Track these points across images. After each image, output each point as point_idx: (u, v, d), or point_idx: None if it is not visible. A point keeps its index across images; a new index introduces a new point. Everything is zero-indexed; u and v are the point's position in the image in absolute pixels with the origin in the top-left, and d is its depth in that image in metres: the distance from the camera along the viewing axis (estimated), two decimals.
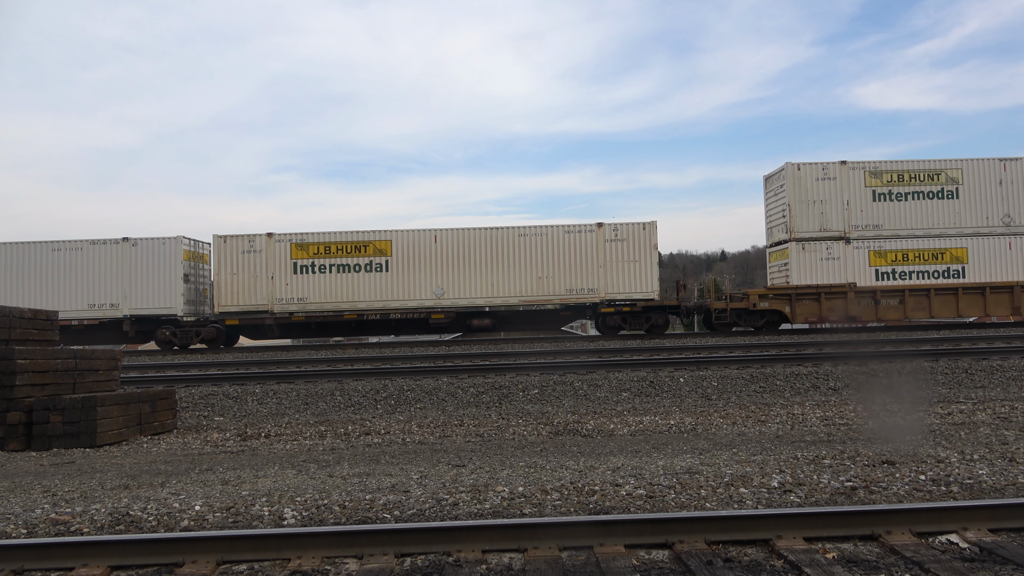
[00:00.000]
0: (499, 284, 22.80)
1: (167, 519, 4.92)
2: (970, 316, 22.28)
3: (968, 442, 7.35)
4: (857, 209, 22.18)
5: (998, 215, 22.18)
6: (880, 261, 22.12)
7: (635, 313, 22.71)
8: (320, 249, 22.91)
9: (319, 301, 22.83)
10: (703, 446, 7.73)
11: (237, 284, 22.80)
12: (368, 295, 22.86)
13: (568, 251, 22.85)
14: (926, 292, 21.68)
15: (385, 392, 13.15)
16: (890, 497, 5.06)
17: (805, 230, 22.19)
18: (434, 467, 6.81)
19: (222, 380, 14.65)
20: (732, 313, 22.40)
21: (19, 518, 5.04)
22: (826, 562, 3.81)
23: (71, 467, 7.87)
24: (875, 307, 21.74)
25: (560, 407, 12.04)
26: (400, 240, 22.97)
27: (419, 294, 22.85)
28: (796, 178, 22.24)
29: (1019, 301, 21.64)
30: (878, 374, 13.47)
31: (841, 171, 22.25)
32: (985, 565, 3.76)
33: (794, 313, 21.85)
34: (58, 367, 10.22)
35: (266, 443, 9.71)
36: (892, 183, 22.21)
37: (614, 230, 22.84)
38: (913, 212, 22.21)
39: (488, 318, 23.03)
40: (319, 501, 5.25)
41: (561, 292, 22.75)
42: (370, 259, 22.93)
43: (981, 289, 21.73)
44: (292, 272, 22.84)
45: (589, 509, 4.91)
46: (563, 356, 16.88)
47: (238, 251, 22.84)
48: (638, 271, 22.78)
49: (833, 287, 21.80)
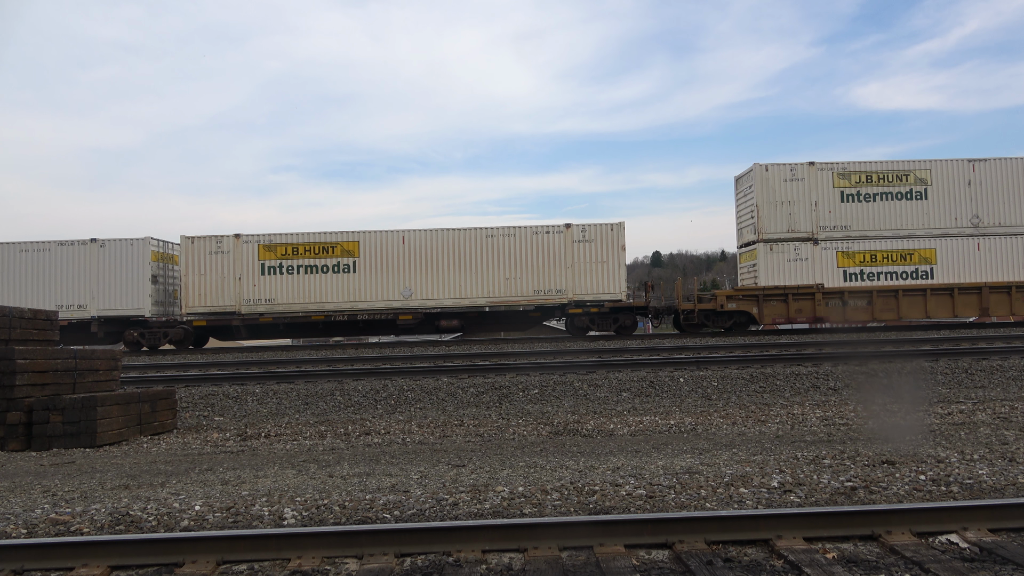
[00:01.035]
0: (467, 285, 22.75)
1: (167, 519, 4.92)
2: (938, 317, 22.22)
3: (968, 442, 7.35)
4: (825, 210, 22.12)
5: (967, 216, 22.10)
6: (848, 262, 22.06)
7: (603, 314, 22.66)
8: (288, 250, 22.89)
9: (287, 302, 22.79)
10: (703, 446, 7.73)
11: (205, 285, 22.76)
12: (336, 296, 22.84)
13: (536, 252, 22.80)
14: (894, 293, 21.63)
15: (385, 392, 13.15)
16: (890, 497, 5.06)
17: (773, 231, 22.13)
18: (434, 467, 6.81)
19: (222, 380, 14.64)
20: (700, 314, 22.37)
21: (19, 518, 5.04)
22: (826, 562, 3.81)
23: (71, 467, 7.87)
24: (843, 308, 21.70)
25: (560, 407, 12.04)
26: (368, 241, 22.94)
27: (387, 295, 22.82)
28: (764, 179, 22.17)
29: (987, 302, 21.58)
30: (878, 374, 13.47)
31: (809, 172, 22.17)
32: (985, 565, 3.76)
33: (761, 314, 21.80)
34: (58, 367, 10.21)
35: (266, 443, 9.71)
36: (860, 184, 22.15)
37: (582, 231, 22.80)
38: (881, 213, 22.15)
39: (456, 319, 23.00)
40: (319, 501, 5.25)
41: (529, 293, 22.70)
42: (338, 260, 22.90)
43: (949, 290, 21.67)
44: (260, 273, 22.81)
45: (589, 509, 4.91)
46: (563, 356, 16.88)
47: (206, 252, 22.80)
48: (606, 272, 22.73)
49: (800, 288, 21.74)
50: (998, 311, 21.83)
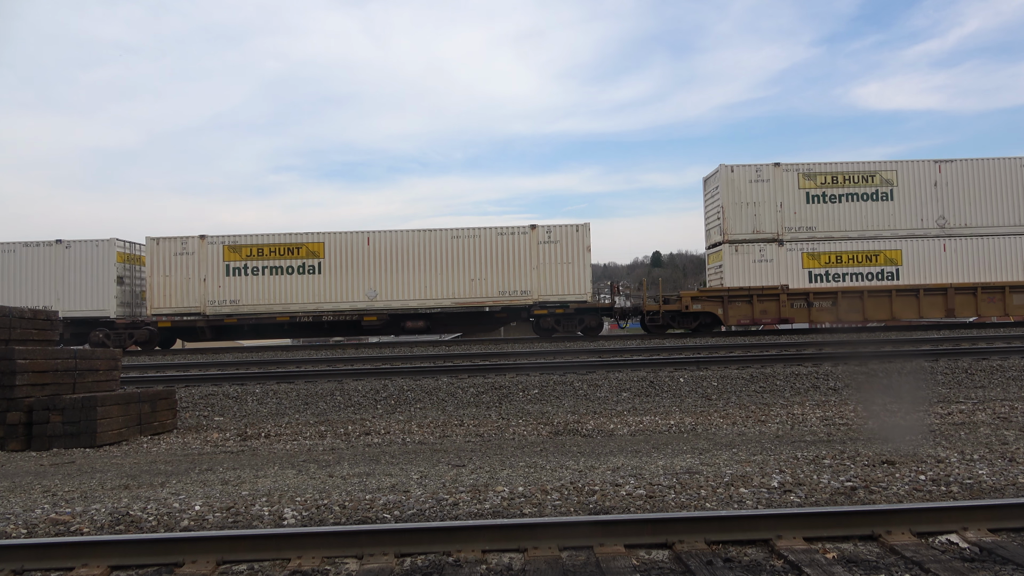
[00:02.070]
0: (432, 286, 22.74)
1: (167, 519, 4.92)
2: (904, 318, 22.16)
3: (968, 442, 7.36)
4: (790, 211, 22.05)
5: (933, 217, 22.05)
6: (813, 263, 22.00)
7: (568, 315, 22.65)
8: (253, 251, 22.85)
9: (251, 303, 22.76)
10: (703, 446, 7.73)
11: (170, 286, 22.75)
12: (301, 297, 22.82)
13: (501, 253, 22.79)
14: (859, 294, 21.56)
15: (385, 392, 13.16)
16: (890, 497, 5.06)
17: (738, 232, 22.05)
18: (434, 467, 6.81)
19: (222, 380, 14.64)
20: (665, 315, 22.37)
21: (19, 518, 5.04)
22: (826, 562, 3.81)
23: (71, 467, 7.87)
24: (808, 309, 21.65)
25: (560, 407, 12.04)
26: (333, 242, 22.91)
27: (352, 296, 22.80)
28: (729, 180, 22.11)
29: (952, 303, 21.51)
30: (878, 374, 13.47)
31: (775, 173, 22.11)
32: (985, 565, 3.76)
33: (727, 315, 21.75)
34: (58, 367, 10.22)
35: (266, 443, 9.71)
36: (826, 185, 22.08)
37: (547, 232, 22.77)
38: (847, 214, 22.08)
39: (422, 320, 22.97)
40: (319, 501, 5.25)
41: (494, 294, 22.69)
42: (303, 261, 22.88)
43: (915, 291, 21.60)
44: (225, 274, 22.79)
45: (589, 509, 4.91)
46: (563, 356, 16.88)
47: (171, 253, 22.78)
48: (571, 273, 22.71)
49: (765, 289, 21.67)
50: (964, 312, 21.77)
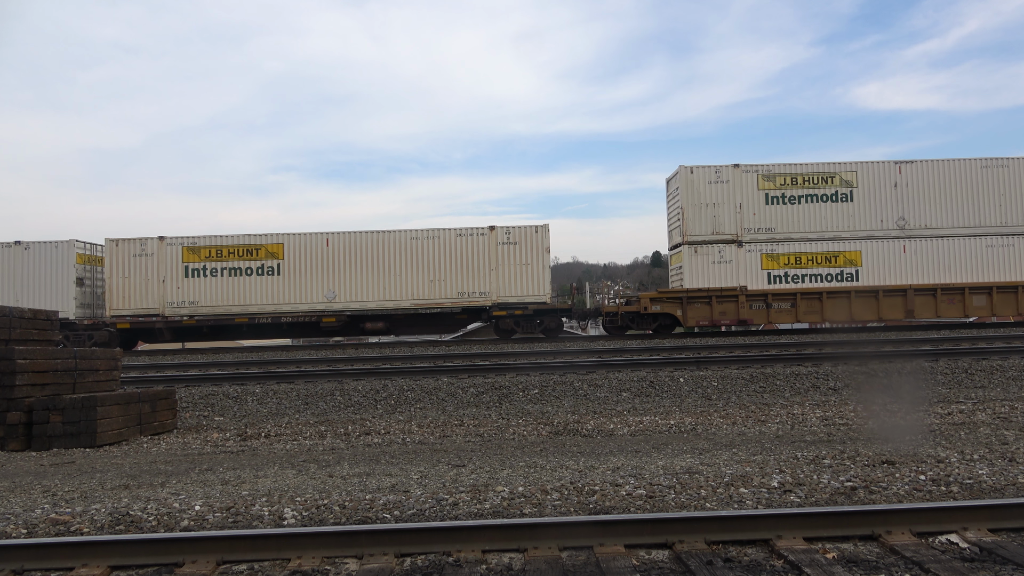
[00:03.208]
0: (391, 287, 22.75)
1: (167, 519, 4.92)
2: (863, 320, 22.10)
3: (968, 442, 7.35)
4: (750, 212, 21.98)
5: (893, 218, 21.96)
6: (772, 264, 21.91)
7: (527, 316, 22.65)
8: (212, 253, 22.87)
9: (210, 304, 22.77)
10: (703, 446, 7.73)
11: (129, 288, 22.75)
12: (259, 299, 22.83)
13: (460, 254, 22.81)
14: (818, 295, 21.54)
15: (385, 392, 13.16)
16: (890, 497, 5.06)
17: (698, 233, 21.96)
18: (434, 467, 6.81)
19: (222, 380, 14.65)
20: (624, 316, 22.35)
21: (19, 518, 5.04)
22: (826, 562, 3.81)
23: (71, 467, 7.87)
24: (767, 310, 21.63)
25: (560, 407, 12.04)
26: (292, 243, 22.91)
27: (310, 297, 22.80)
28: (689, 181, 22.05)
29: (912, 304, 21.48)
30: (878, 374, 13.47)
31: (734, 174, 22.05)
32: (985, 565, 3.76)
33: (686, 316, 21.72)
34: (58, 367, 10.21)
35: (266, 443, 9.71)
36: (785, 186, 22.02)
37: (506, 233, 22.76)
38: (807, 215, 22.01)
39: (381, 321, 22.99)
40: (319, 501, 5.25)
41: (453, 295, 22.71)
42: (262, 262, 22.89)
43: (874, 292, 21.55)
44: (183, 276, 22.80)
45: (589, 509, 4.91)
46: (563, 356, 16.89)
47: (130, 254, 22.79)
48: (530, 274, 22.71)
49: (724, 290, 21.63)
50: (923, 313, 21.74)
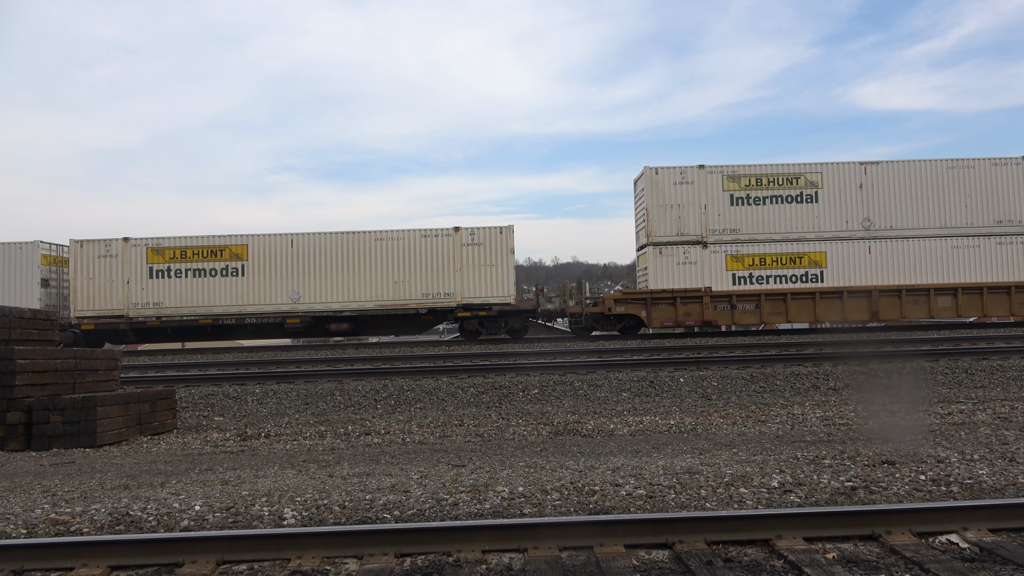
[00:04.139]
0: (356, 288, 22.72)
1: (167, 519, 4.92)
2: (828, 321, 22.07)
3: (968, 442, 7.35)
4: (715, 213, 21.95)
5: (858, 219, 21.91)
6: (737, 265, 21.86)
7: (492, 317, 22.64)
8: (176, 254, 22.84)
9: (174, 306, 22.74)
10: (703, 446, 7.73)
11: (93, 289, 22.70)
12: (224, 300, 22.81)
13: (425, 255, 22.80)
14: (783, 296, 21.52)
15: (385, 392, 13.16)
16: (890, 497, 5.06)
17: (662, 234, 21.92)
18: (434, 467, 6.81)
19: (222, 380, 14.65)
20: (589, 317, 22.34)
21: (19, 518, 5.04)
22: (826, 562, 3.81)
23: (71, 467, 7.87)
24: (731, 311, 21.61)
25: (560, 407, 12.04)
26: (256, 245, 22.90)
27: (275, 298, 22.77)
28: (654, 182, 22.01)
29: (877, 305, 21.44)
30: (878, 374, 13.47)
31: (699, 175, 22.02)
32: (985, 565, 3.76)
33: (650, 317, 21.71)
34: (58, 367, 10.21)
35: (266, 443, 9.71)
36: (750, 187, 21.99)
37: (471, 234, 22.74)
38: (772, 216, 21.97)
39: (346, 322, 22.96)
40: (319, 501, 5.25)
41: (418, 296, 22.68)
42: (226, 264, 22.85)
43: (839, 293, 21.52)
44: (148, 277, 22.76)
45: (589, 509, 4.91)
46: (563, 356, 16.89)
47: (94, 256, 22.74)
48: (495, 275, 22.68)
49: (688, 291, 21.61)
50: (888, 314, 21.71)
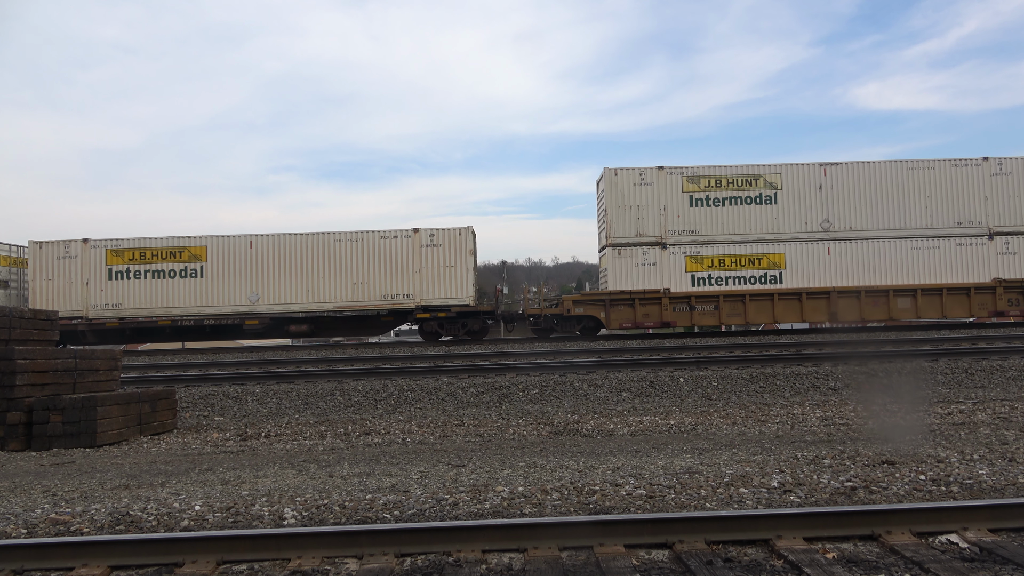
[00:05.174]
0: (315, 290, 22.76)
1: (167, 519, 4.92)
2: (787, 322, 22.07)
3: (968, 442, 7.36)
4: (674, 214, 21.94)
5: (817, 220, 21.92)
6: (696, 267, 21.87)
7: (451, 319, 22.67)
8: (135, 255, 22.86)
9: (133, 307, 22.77)
10: (703, 446, 7.73)
11: (53, 290, 22.72)
12: (183, 301, 22.85)
13: (384, 257, 22.82)
14: (741, 298, 21.53)
15: (385, 392, 13.16)
16: (890, 497, 5.06)
17: (621, 236, 21.91)
18: (434, 467, 6.81)
19: (222, 380, 14.65)
20: (548, 319, 22.34)
21: (19, 518, 5.04)
22: (826, 562, 3.81)
23: (71, 467, 7.87)
24: (690, 313, 21.63)
25: (560, 407, 12.04)
26: (215, 246, 22.92)
27: (234, 300, 22.81)
28: (613, 183, 22.00)
29: (835, 306, 21.45)
30: (878, 374, 13.47)
31: (658, 176, 22.01)
32: (985, 565, 3.76)
33: (609, 319, 21.70)
34: (58, 367, 10.21)
35: (266, 443, 9.71)
36: (710, 188, 21.99)
37: (430, 236, 22.78)
38: (731, 217, 21.98)
39: (306, 323, 22.99)
40: (319, 501, 5.25)
41: (376, 298, 22.71)
42: (185, 265, 22.87)
43: (797, 294, 21.55)
44: (107, 278, 22.78)
45: (589, 509, 4.91)
46: (563, 356, 16.89)
47: (54, 257, 22.77)
48: (454, 277, 22.72)
49: (647, 293, 21.62)
50: (847, 316, 21.69)
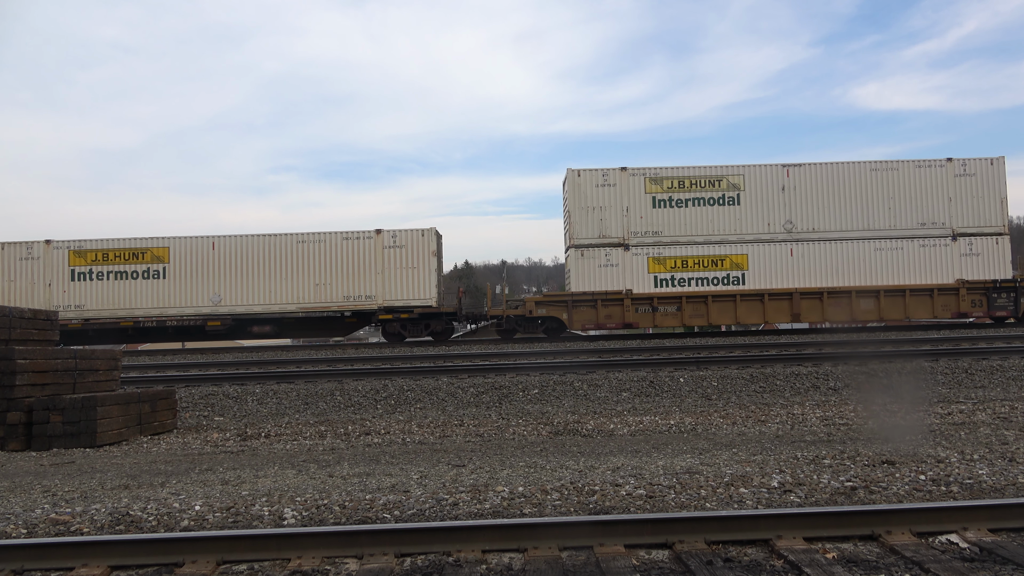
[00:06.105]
0: (277, 291, 22.73)
1: (167, 519, 4.92)
2: (750, 323, 22.02)
3: (968, 442, 7.36)
4: (637, 216, 21.87)
5: (780, 221, 21.87)
6: (659, 268, 21.82)
7: (414, 320, 22.63)
8: (98, 256, 22.82)
9: (96, 308, 22.72)
10: (703, 446, 7.73)
11: (15, 292, 22.62)
12: (145, 302, 22.81)
13: (346, 258, 22.80)
14: (704, 299, 21.53)
15: (385, 392, 13.16)
16: (890, 497, 5.06)
17: (584, 237, 21.84)
18: (434, 467, 6.81)
19: (222, 380, 14.65)
20: (511, 320, 22.37)
21: (19, 518, 5.04)
22: (826, 562, 3.81)
23: (71, 467, 7.87)
24: (653, 314, 21.62)
25: (560, 407, 12.04)
26: (178, 247, 22.91)
27: (196, 301, 22.77)
28: (576, 184, 21.94)
29: (798, 308, 21.43)
30: (878, 374, 13.47)
31: (621, 177, 21.96)
32: (985, 565, 3.76)
33: (571, 320, 21.68)
34: (58, 367, 10.22)
35: (266, 443, 9.72)
36: (672, 189, 21.94)
37: (393, 237, 22.77)
38: (694, 218, 21.93)
39: (269, 325, 23.00)
40: (319, 501, 5.25)
41: (339, 299, 22.69)
42: (147, 266, 22.84)
43: (760, 296, 21.54)
44: (70, 279, 22.70)
45: (589, 509, 4.91)
46: (563, 356, 16.89)
47: (16, 258, 22.71)
48: (416, 278, 22.71)
49: (609, 294, 21.58)
50: (809, 317, 21.69)
